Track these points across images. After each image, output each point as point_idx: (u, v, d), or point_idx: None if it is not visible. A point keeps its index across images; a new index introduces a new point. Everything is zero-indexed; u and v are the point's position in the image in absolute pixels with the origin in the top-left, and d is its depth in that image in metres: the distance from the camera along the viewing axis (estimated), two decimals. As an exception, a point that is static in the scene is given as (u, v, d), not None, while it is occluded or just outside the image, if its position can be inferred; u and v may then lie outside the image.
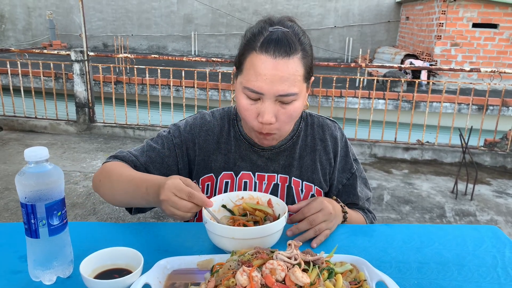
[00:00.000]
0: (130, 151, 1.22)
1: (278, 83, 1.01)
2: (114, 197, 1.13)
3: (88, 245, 0.97)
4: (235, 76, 1.13)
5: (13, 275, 0.88)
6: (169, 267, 0.88)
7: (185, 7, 12.48)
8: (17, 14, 13.19)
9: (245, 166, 1.21)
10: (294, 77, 1.03)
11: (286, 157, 1.23)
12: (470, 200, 3.96)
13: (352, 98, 6.37)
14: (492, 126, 5.20)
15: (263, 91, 1.02)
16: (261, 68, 1.01)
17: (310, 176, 1.23)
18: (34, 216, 0.81)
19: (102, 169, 1.17)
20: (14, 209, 3.44)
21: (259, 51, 1.02)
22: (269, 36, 1.03)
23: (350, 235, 1.09)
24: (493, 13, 8.10)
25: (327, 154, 1.25)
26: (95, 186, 1.18)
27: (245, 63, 1.06)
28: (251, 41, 1.05)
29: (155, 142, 1.22)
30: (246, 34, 1.09)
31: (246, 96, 1.06)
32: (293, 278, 0.73)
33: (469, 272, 0.94)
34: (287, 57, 1.01)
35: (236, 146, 1.22)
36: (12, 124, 5.79)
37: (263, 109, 1.04)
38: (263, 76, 1.01)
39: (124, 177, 1.10)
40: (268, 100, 1.04)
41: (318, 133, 1.26)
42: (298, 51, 1.03)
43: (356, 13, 11.79)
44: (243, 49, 1.08)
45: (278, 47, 1.01)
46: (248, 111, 1.07)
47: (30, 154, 0.80)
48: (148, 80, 5.72)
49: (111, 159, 1.20)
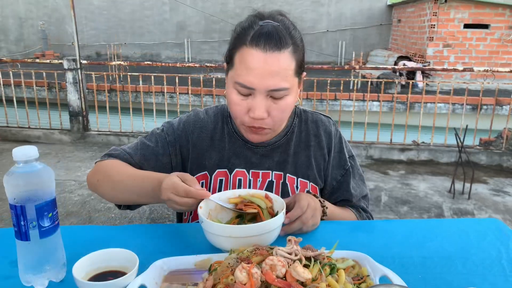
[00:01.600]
0: (124, 148, 1.21)
1: (269, 78, 1.00)
2: (117, 196, 1.13)
3: (80, 249, 0.94)
4: (226, 71, 1.11)
5: (4, 281, 0.85)
6: (165, 268, 0.85)
7: (178, 14, 12.49)
8: (9, 25, 13.14)
9: (239, 163, 1.19)
10: (285, 71, 1.01)
11: (280, 154, 1.21)
12: (467, 199, 3.95)
13: (347, 101, 6.37)
14: (486, 125, 5.21)
15: (254, 86, 1.01)
16: (252, 62, 1.00)
17: (305, 172, 1.21)
18: (24, 218, 0.78)
19: (97, 168, 1.15)
20: (8, 220, 3.39)
21: (250, 45, 1.01)
22: (259, 30, 1.01)
23: (351, 231, 1.07)
24: (484, 13, 8.17)
25: (321, 150, 1.23)
26: (92, 185, 1.16)
27: (236, 58, 1.04)
28: (241, 35, 1.04)
29: (148, 140, 1.21)
30: (236, 28, 1.08)
31: (237, 91, 1.05)
32: (294, 274, 0.71)
33: (473, 265, 0.91)
34: (277, 51, 1.00)
35: (230, 143, 1.21)
36: (5, 134, 5.73)
37: (254, 104, 1.03)
38: (254, 71, 1.00)
39: (125, 176, 1.10)
40: (259, 95, 1.02)
41: (312, 128, 1.24)
42: (289, 45, 1.02)
43: (349, 17, 11.85)
44: (233, 43, 1.06)
45: (269, 41, 0.99)
46: (239, 106, 1.06)
47: (18, 154, 0.77)
48: (142, 88, 5.70)
49: (105, 157, 1.19)
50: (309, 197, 1.08)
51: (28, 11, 12.96)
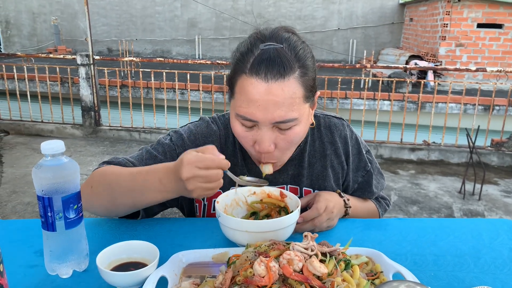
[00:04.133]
0: (126, 157, 1.10)
1: (273, 109, 0.91)
2: (115, 202, 0.98)
3: (101, 240, 0.98)
4: (228, 99, 1.02)
5: (29, 269, 0.88)
6: (184, 260, 0.88)
7: (189, 11, 12.53)
8: (23, 20, 13.29)
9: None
10: (291, 101, 0.91)
11: (295, 167, 1.14)
12: (478, 200, 3.93)
13: (357, 100, 6.36)
14: (498, 126, 5.17)
15: (257, 119, 0.92)
16: (253, 93, 0.90)
17: (322, 184, 1.16)
18: (51, 209, 0.81)
19: (92, 176, 1.03)
20: (21, 212, 3.46)
21: (249, 74, 0.91)
22: (260, 55, 0.91)
23: (364, 228, 1.08)
24: (497, 13, 8.07)
25: (338, 158, 1.17)
26: (85, 197, 0.96)
27: (236, 87, 0.95)
28: (240, 62, 0.94)
29: (155, 150, 1.10)
30: (236, 51, 0.98)
31: (240, 123, 0.97)
32: (310, 268, 0.73)
33: (485, 264, 0.93)
34: (281, 79, 0.90)
35: (242, 159, 1.14)
36: (19, 128, 5.82)
37: (260, 137, 0.95)
38: (255, 103, 0.91)
39: (124, 175, 0.97)
40: (264, 127, 0.94)
41: (327, 135, 1.16)
42: (294, 70, 0.91)
43: (360, 15, 11.79)
44: (233, 70, 0.97)
45: (271, 68, 0.89)
46: (244, 139, 0.99)
47: (46, 147, 0.80)
48: (154, 84, 5.75)
49: (103, 165, 1.06)
50: (330, 199, 1.07)
51: (41, 6, 13.10)
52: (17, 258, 0.91)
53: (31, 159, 4.70)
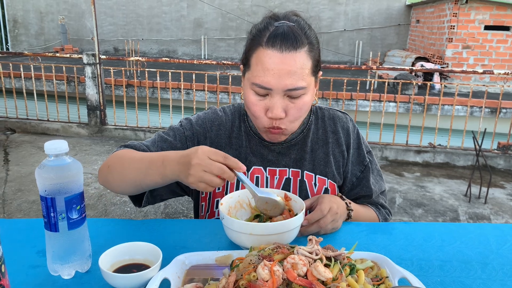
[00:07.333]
0: (142, 142, 1.22)
1: (286, 77, 1.01)
2: (124, 180, 1.06)
3: (104, 241, 0.97)
4: (243, 73, 1.13)
5: (32, 270, 0.88)
6: (187, 263, 0.87)
7: (195, 11, 12.54)
8: (30, 19, 13.37)
9: (256, 161, 1.21)
10: (302, 71, 1.02)
11: (297, 151, 1.22)
12: (484, 203, 3.90)
13: (363, 101, 6.33)
14: (505, 129, 5.13)
15: (271, 86, 1.02)
16: (269, 63, 1.01)
17: (323, 169, 1.22)
18: (53, 210, 0.80)
19: (112, 156, 1.14)
20: (26, 210, 3.47)
21: (266, 46, 1.02)
22: (275, 31, 1.03)
23: (369, 233, 1.07)
24: (505, 15, 8.01)
25: (339, 147, 1.24)
26: (103, 174, 1.12)
27: (252, 59, 1.06)
28: (257, 37, 1.05)
29: (166, 134, 1.21)
30: (252, 30, 1.10)
31: (254, 92, 1.06)
32: (315, 273, 0.72)
33: (493, 270, 0.91)
34: (294, 51, 1.01)
35: (247, 141, 1.22)
36: (25, 126, 5.85)
37: (272, 104, 1.04)
38: (270, 71, 1.01)
39: (136, 158, 1.06)
40: (276, 95, 1.04)
41: (330, 125, 1.25)
42: (304, 44, 1.03)
43: (366, 16, 11.74)
44: (249, 45, 1.08)
45: (285, 41, 1.01)
46: (257, 107, 1.07)
47: (50, 147, 0.80)
48: (159, 84, 5.75)
49: (122, 147, 1.18)
50: (333, 201, 1.08)
51: (48, 5, 13.17)
52: (19, 258, 0.91)
53: (36, 157, 4.72)
